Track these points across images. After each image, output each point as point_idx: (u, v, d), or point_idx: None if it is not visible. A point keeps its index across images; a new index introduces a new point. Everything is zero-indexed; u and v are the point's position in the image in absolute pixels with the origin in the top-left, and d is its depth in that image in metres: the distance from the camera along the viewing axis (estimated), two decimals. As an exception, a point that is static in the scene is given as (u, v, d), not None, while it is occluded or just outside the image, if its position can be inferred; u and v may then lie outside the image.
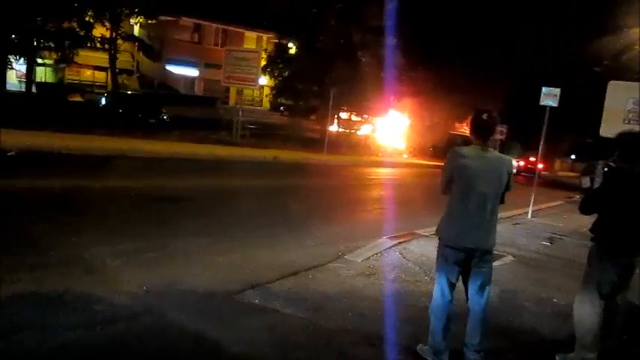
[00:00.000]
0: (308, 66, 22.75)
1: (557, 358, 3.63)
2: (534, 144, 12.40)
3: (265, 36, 34.74)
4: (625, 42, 17.59)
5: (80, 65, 27.01)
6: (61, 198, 7.16)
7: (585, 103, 15.43)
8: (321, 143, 20.56)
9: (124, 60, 28.37)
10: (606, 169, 3.42)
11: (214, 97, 31.29)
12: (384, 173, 18.55)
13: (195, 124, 19.74)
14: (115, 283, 4.18)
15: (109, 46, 23.76)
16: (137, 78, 31.44)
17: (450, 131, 28.80)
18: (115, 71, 25.00)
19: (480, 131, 3.30)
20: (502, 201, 3.33)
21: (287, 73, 24.50)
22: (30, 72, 20.91)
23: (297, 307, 4.14)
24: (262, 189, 10.82)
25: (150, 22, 27.90)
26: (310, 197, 10.67)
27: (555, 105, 10.07)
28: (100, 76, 29.60)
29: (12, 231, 5.16)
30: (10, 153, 9.82)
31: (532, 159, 22.08)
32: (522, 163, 24.40)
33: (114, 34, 23.69)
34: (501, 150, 11.60)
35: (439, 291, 3.38)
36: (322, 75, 22.48)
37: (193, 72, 33.87)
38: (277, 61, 24.57)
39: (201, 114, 23.27)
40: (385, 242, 6.65)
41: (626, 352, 3.82)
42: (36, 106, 17.97)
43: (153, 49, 31.24)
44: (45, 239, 5.08)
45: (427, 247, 6.40)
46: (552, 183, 23.26)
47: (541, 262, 6.77)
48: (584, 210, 3.62)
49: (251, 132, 21.33)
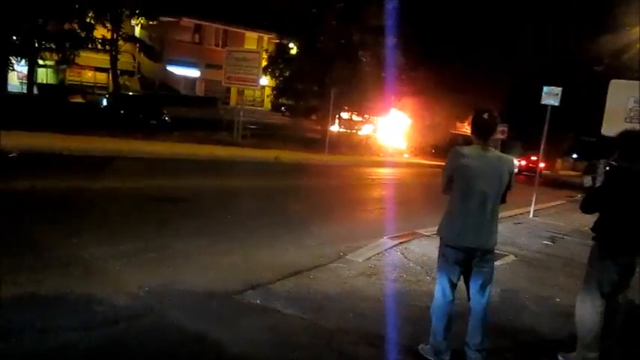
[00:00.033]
0: (308, 66, 22.73)
1: (559, 358, 3.63)
2: (535, 143, 12.40)
3: (266, 36, 34.73)
4: (625, 41, 17.57)
5: (81, 66, 27.06)
6: (62, 199, 7.17)
7: (586, 102, 15.46)
8: (322, 143, 20.58)
9: (125, 61, 28.38)
10: (607, 168, 3.41)
11: (215, 98, 31.29)
12: (385, 173, 18.54)
13: (196, 125, 19.73)
14: (115, 284, 4.17)
15: (110, 48, 23.81)
16: (138, 79, 31.45)
17: (452, 131, 28.82)
18: (116, 72, 25.05)
19: (481, 131, 3.29)
20: (503, 200, 3.32)
21: (288, 74, 24.46)
22: (31, 73, 20.89)
23: (297, 308, 4.13)
24: (263, 189, 10.81)
25: (151, 23, 28.01)
26: (311, 197, 10.66)
27: (557, 104, 10.06)
28: (101, 77, 29.60)
29: (12, 232, 5.16)
30: (12, 154, 9.82)
31: (533, 158, 22.08)
32: (524, 163, 24.44)
33: (115, 35, 23.74)
34: (503, 149, 11.62)
35: (440, 291, 3.38)
36: (323, 75, 22.46)
37: (194, 73, 33.86)
38: (278, 62, 24.53)
39: (202, 114, 23.30)
40: (386, 242, 6.64)
41: (626, 352, 3.80)
42: (37, 108, 17.98)
43: (154, 50, 31.23)
44: (45, 240, 5.08)
45: (428, 247, 6.40)
46: (554, 182, 23.27)
47: (542, 262, 6.76)
48: (585, 209, 3.61)
49: (252, 132, 21.34)
